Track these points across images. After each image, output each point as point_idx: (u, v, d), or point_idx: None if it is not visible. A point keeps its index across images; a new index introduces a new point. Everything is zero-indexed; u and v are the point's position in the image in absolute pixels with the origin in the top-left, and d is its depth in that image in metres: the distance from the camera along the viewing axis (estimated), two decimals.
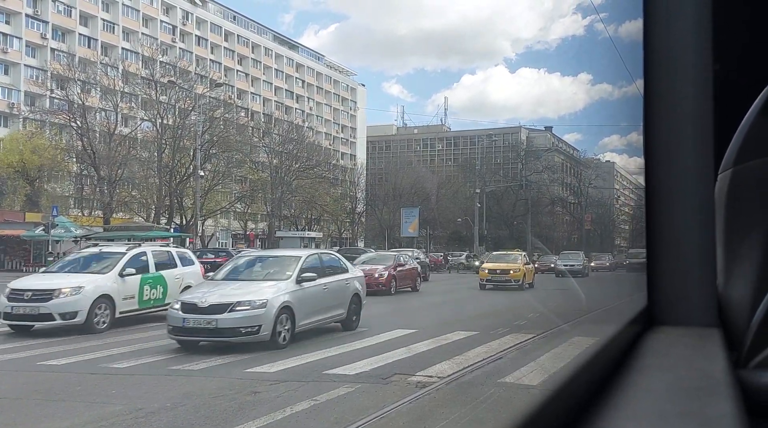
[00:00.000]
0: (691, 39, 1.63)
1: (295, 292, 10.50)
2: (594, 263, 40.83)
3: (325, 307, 11.29)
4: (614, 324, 1.56)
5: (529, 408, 0.93)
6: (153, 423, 5.87)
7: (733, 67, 1.72)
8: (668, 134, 1.63)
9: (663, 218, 1.63)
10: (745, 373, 1.25)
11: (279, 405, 6.38)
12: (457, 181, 71.45)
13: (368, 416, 5.93)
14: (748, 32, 1.78)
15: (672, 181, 1.63)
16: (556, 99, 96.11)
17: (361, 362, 8.55)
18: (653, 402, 0.98)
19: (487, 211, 58.63)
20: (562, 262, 35.53)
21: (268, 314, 9.72)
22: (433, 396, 6.80)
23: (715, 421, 0.89)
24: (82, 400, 6.85)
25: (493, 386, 7.31)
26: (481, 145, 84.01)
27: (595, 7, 15.23)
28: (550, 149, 73.00)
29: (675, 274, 1.61)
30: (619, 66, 2.81)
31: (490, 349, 9.77)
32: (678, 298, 1.61)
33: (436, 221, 60.65)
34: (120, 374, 8.10)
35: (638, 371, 1.19)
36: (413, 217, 56.26)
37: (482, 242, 54.53)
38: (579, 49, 68.00)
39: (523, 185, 63.96)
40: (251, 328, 9.54)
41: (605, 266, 40.54)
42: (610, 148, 70.51)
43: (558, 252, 52.67)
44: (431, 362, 8.62)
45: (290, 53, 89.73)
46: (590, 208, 67.61)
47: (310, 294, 10.81)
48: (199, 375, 8.00)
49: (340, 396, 6.74)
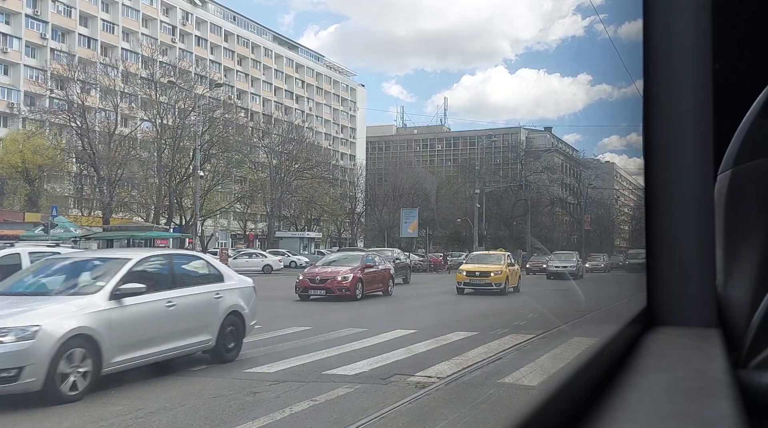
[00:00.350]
0: (690, 40, 1.63)
1: (104, 313, 7.18)
2: (588, 264, 39.48)
3: (172, 333, 8.04)
4: (614, 325, 1.56)
5: (529, 408, 0.93)
6: (152, 423, 5.87)
7: (732, 68, 1.72)
8: (668, 135, 1.63)
9: (662, 219, 1.63)
10: (745, 374, 1.25)
11: (278, 405, 6.38)
12: (456, 182, 71.43)
13: (368, 416, 5.93)
14: (747, 33, 1.78)
15: (671, 182, 1.63)
16: (555, 99, 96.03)
17: (361, 362, 8.55)
18: (653, 402, 0.98)
19: (486, 211, 58.61)
20: (554, 263, 33.33)
21: (39, 349, 6.37)
22: (433, 396, 6.80)
23: (714, 422, 0.89)
24: (81, 400, 6.84)
25: (492, 386, 7.31)
26: (481, 145, 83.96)
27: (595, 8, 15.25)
28: (549, 150, 72.97)
29: (674, 275, 1.61)
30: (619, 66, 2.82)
31: (490, 350, 9.77)
32: (677, 299, 1.61)
33: (435, 221, 60.59)
34: (119, 374, 8.09)
35: (638, 371, 1.19)
36: (413, 218, 56.18)
37: (482, 242, 54.47)
38: (579, 49, 68.08)
39: (523, 185, 63.92)
40: (4, 372, 6.23)
41: (600, 267, 39.30)
42: (610, 148, 70.59)
43: None
44: (431, 362, 8.62)
45: (290, 54, 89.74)
46: (590, 208, 67.58)
47: (136, 316, 7.59)
48: (199, 376, 8.00)
49: (339, 396, 6.74)
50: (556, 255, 37.52)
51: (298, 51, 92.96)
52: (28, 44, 60.00)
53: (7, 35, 58.82)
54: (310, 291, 18.66)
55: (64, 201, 48.22)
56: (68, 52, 59.83)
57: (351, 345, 10.23)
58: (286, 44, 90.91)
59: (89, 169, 47.84)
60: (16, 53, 59.02)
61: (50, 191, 48.06)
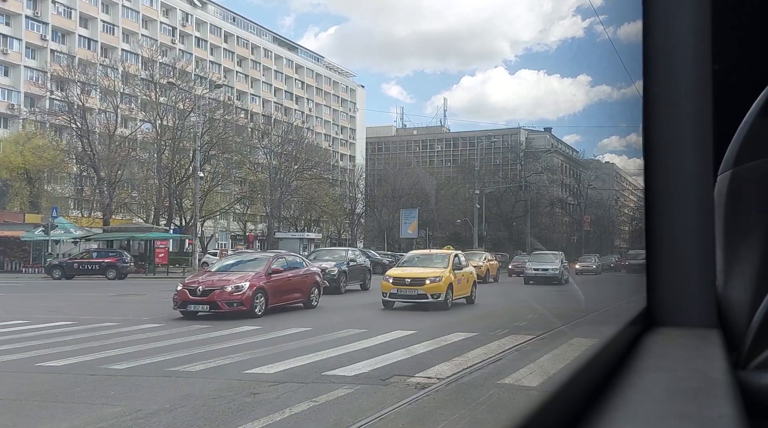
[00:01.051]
0: (690, 40, 1.63)
1: None
2: (579, 265, 36.52)
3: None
4: (613, 326, 1.56)
5: (529, 409, 0.92)
6: (152, 424, 5.86)
7: (732, 68, 1.72)
8: (668, 135, 1.63)
9: (662, 219, 1.63)
10: (745, 374, 1.25)
11: (278, 406, 6.38)
12: (456, 182, 71.51)
13: (367, 417, 5.92)
14: (747, 33, 1.78)
15: (671, 182, 1.63)
16: (555, 100, 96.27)
17: (361, 363, 8.55)
18: (652, 403, 0.98)
19: (486, 212, 58.66)
20: (533, 265, 28.97)
21: None
22: (433, 397, 6.80)
23: (714, 422, 0.89)
24: (81, 401, 6.84)
25: (492, 387, 7.31)
26: (481, 146, 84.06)
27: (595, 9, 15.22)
28: (549, 150, 73.02)
29: (674, 275, 1.61)
30: (619, 67, 2.81)
31: (490, 350, 9.77)
32: (677, 299, 1.61)
33: (435, 222, 60.67)
34: (119, 375, 8.09)
35: (637, 372, 1.18)
36: (412, 218, 56.27)
37: (481, 243, 54.51)
38: (578, 50, 68.05)
39: (523, 186, 63.94)
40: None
41: (591, 269, 36.07)
42: (610, 149, 70.63)
43: None
44: (430, 363, 8.62)
45: (290, 55, 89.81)
46: (589, 209, 67.64)
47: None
48: (199, 377, 8.00)
49: (339, 397, 6.74)
50: (535, 255, 32.91)
51: (298, 52, 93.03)
52: (29, 45, 60.07)
53: (7, 36, 58.89)
54: (190, 305, 14.43)
55: (64, 202, 48.26)
56: (68, 53, 59.93)
57: (351, 346, 10.23)
58: (286, 45, 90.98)
59: (89, 170, 47.89)
60: (16, 54, 59.08)
61: (50, 192, 48.09)
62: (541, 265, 28.15)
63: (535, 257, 31.68)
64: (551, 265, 27.81)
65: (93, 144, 46.82)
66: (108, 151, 46.82)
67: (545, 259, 29.39)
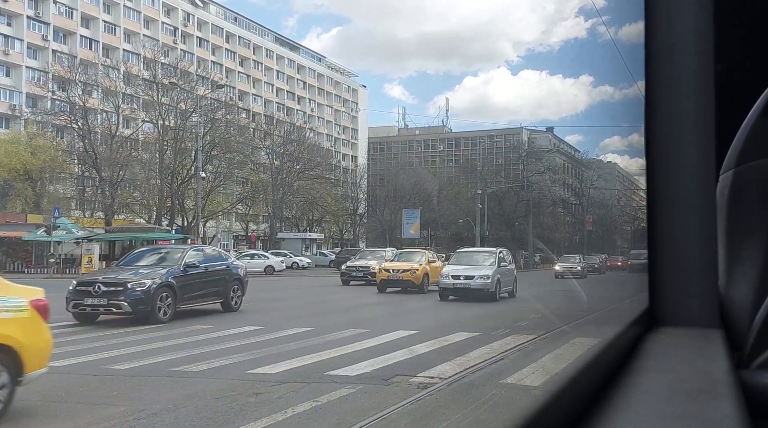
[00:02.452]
0: (692, 40, 1.63)
1: None
2: (559, 267, 32.78)
3: None
4: (616, 325, 1.56)
5: (531, 409, 0.93)
6: (155, 424, 5.87)
7: (734, 68, 1.72)
8: (670, 135, 1.63)
9: (664, 219, 1.63)
10: (747, 374, 1.25)
11: (281, 406, 6.38)
12: (458, 182, 71.41)
13: (370, 417, 5.92)
14: (749, 33, 1.78)
15: (673, 182, 1.63)
16: (557, 101, 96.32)
17: (363, 363, 8.55)
18: (655, 403, 0.98)
19: (488, 212, 58.59)
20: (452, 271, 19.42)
21: None
22: (435, 397, 6.80)
23: (716, 423, 0.89)
24: (84, 401, 6.86)
25: (494, 387, 7.31)
26: (483, 146, 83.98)
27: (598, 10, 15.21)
28: (551, 150, 72.96)
29: (676, 275, 1.61)
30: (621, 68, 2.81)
31: (492, 350, 9.76)
32: (680, 299, 1.61)
33: (437, 222, 60.62)
34: (122, 375, 8.10)
35: (640, 372, 1.19)
36: (415, 218, 56.24)
37: (484, 243, 54.48)
38: (581, 51, 68.11)
39: (525, 186, 63.84)
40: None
41: (576, 270, 30.92)
42: (612, 149, 70.68)
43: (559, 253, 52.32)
44: (433, 363, 8.62)
45: (291, 55, 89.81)
46: (592, 209, 67.57)
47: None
48: (201, 377, 8.00)
49: (341, 397, 6.74)
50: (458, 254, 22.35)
51: (300, 52, 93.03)
52: (30, 46, 60.13)
53: (8, 37, 58.95)
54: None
55: (66, 202, 48.29)
56: (70, 54, 60.00)
57: (353, 346, 10.23)
58: (288, 45, 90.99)
59: (91, 171, 47.92)
60: (17, 55, 59.15)
61: (52, 193, 48.13)
62: (468, 271, 19.09)
63: (459, 256, 21.60)
64: (479, 272, 18.92)
65: (95, 144, 46.85)
66: (110, 151, 46.86)
67: (479, 260, 20.20)
